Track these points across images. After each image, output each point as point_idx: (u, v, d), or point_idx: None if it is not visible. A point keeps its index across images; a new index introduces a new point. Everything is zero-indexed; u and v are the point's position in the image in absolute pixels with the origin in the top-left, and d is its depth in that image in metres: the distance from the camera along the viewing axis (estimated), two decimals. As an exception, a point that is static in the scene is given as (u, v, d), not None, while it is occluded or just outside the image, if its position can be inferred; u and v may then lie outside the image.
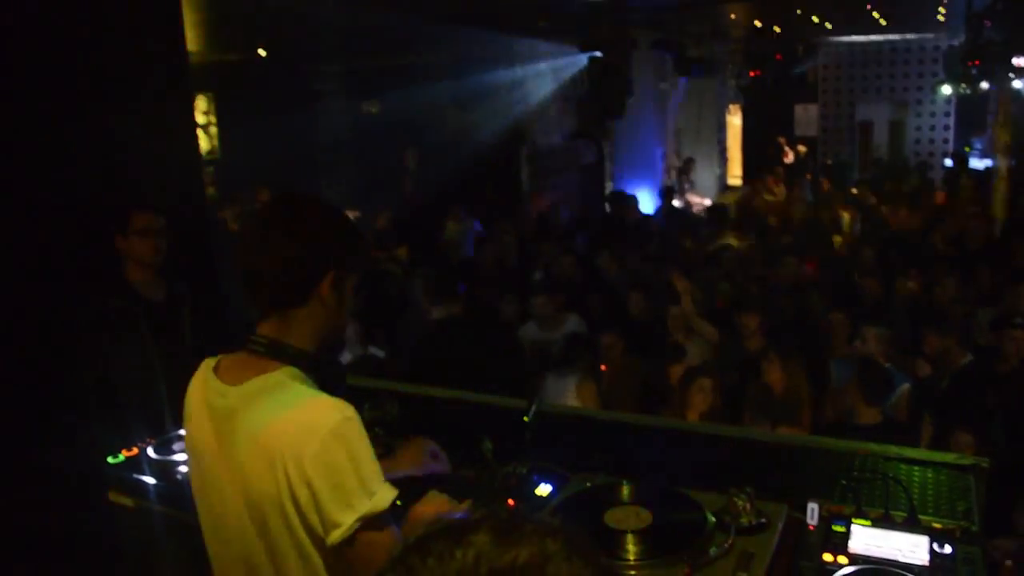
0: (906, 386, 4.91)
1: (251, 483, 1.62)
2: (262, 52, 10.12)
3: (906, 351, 5.49)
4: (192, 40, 4.07)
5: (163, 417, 3.01)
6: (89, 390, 3.35)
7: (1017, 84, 9.79)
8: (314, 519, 1.58)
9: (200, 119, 10.78)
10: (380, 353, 5.60)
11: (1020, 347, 4.92)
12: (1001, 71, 8.45)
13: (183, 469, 2.59)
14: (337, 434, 1.57)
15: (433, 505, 1.97)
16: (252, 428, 1.63)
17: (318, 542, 1.61)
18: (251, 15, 6.92)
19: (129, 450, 2.83)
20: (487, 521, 0.81)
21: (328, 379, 1.74)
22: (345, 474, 1.57)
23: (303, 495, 1.57)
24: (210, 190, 11.25)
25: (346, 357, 5.36)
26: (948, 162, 14.38)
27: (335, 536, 1.57)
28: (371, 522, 1.59)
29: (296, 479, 1.56)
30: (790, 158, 16.37)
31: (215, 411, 1.71)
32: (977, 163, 13.61)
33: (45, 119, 3.37)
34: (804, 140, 16.79)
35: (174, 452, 2.77)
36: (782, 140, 16.48)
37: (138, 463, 2.76)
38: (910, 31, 13.90)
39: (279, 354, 1.69)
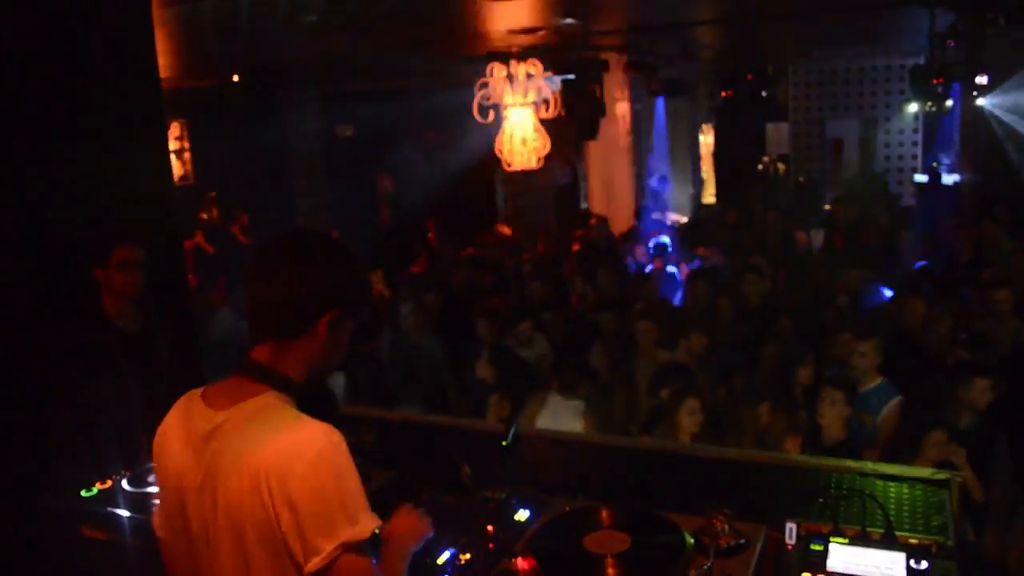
0: (897, 399, 4.70)
1: (234, 504, 1.62)
2: (236, 78, 10.11)
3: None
4: (165, 67, 4.06)
5: (139, 449, 2.97)
6: (64, 422, 3.31)
7: (980, 101, 9.97)
8: (295, 544, 1.59)
9: (173, 145, 10.74)
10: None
11: None
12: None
13: (158, 501, 2.56)
14: (323, 458, 1.59)
15: (406, 522, 1.97)
16: (238, 449, 1.64)
17: (297, 566, 1.61)
18: (224, 42, 6.91)
19: (103, 483, 2.80)
20: None
21: (319, 406, 1.75)
22: (329, 500, 1.58)
23: (286, 518, 1.58)
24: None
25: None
26: (918, 177, 14.57)
27: (314, 563, 1.58)
28: (351, 548, 1.60)
29: (280, 501, 1.57)
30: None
31: (198, 436, 1.71)
32: (945, 178, 13.82)
33: (17, 149, 3.34)
34: (777, 159, 16.97)
35: (148, 484, 2.74)
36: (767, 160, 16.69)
37: (112, 496, 2.73)
38: (876, 53, 14.11)
39: (268, 378, 1.71)
